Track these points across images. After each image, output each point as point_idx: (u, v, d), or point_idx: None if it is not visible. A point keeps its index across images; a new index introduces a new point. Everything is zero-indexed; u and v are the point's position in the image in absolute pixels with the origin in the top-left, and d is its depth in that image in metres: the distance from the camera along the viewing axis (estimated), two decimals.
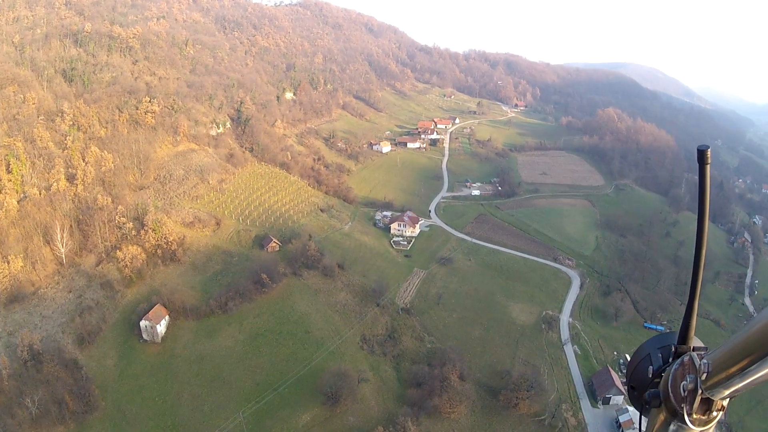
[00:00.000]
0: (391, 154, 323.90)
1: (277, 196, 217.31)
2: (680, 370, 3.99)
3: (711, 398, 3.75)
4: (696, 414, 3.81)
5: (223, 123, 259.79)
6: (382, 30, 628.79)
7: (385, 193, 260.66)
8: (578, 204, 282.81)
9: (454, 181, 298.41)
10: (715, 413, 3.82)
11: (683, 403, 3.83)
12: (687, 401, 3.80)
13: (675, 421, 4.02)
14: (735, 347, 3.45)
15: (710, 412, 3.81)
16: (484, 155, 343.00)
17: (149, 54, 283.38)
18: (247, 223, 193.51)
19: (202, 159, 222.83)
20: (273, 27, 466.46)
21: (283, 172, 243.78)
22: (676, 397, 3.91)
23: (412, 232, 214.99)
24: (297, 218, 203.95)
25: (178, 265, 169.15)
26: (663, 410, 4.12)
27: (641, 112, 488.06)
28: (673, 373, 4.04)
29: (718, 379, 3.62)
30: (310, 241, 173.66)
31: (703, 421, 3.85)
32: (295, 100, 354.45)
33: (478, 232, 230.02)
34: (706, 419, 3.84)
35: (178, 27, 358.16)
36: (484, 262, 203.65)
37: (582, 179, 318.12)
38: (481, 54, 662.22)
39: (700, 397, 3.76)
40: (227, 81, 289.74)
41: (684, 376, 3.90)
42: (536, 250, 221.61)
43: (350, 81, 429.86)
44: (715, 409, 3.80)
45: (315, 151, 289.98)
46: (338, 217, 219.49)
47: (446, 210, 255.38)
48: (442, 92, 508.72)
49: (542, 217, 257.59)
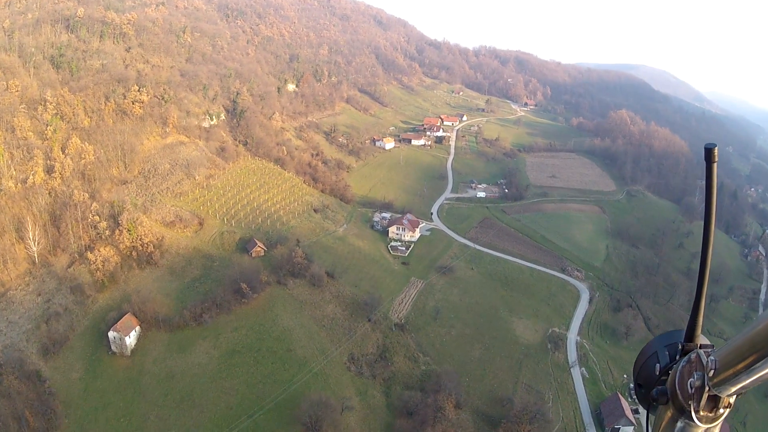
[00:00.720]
0: (394, 150, 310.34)
1: (268, 194, 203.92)
2: (687, 367, 4.01)
3: (718, 395, 3.77)
4: (703, 411, 3.84)
5: (217, 114, 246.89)
6: (391, 23, 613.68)
7: (385, 193, 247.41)
8: (588, 210, 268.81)
9: (458, 181, 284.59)
10: (722, 410, 3.85)
11: (690, 400, 3.86)
12: (694, 398, 3.84)
13: (682, 418, 4.05)
14: (742, 344, 3.48)
15: (717, 409, 3.84)
16: (491, 155, 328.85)
17: (144, 41, 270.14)
18: (232, 223, 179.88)
19: (190, 152, 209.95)
20: (278, 16, 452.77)
21: (278, 168, 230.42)
22: (683, 394, 3.94)
23: (411, 237, 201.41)
24: (287, 219, 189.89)
25: (154, 269, 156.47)
26: (670, 407, 4.16)
27: (653, 116, 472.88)
28: (681, 370, 4.06)
29: (725, 376, 3.64)
30: (297, 248, 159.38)
31: (710, 418, 3.88)
32: (297, 92, 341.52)
33: (482, 238, 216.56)
34: (713, 416, 3.87)
35: (177, 14, 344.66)
36: (488, 271, 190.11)
37: (592, 184, 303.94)
38: (491, 50, 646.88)
39: (707, 394, 3.79)
40: (224, 71, 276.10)
41: (691, 373, 3.92)
42: (543, 260, 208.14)
43: (356, 74, 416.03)
44: (722, 406, 3.83)
45: (314, 145, 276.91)
46: (333, 218, 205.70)
47: (449, 212, 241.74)
48: (450, 88, 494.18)
49: (550, 223, 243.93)
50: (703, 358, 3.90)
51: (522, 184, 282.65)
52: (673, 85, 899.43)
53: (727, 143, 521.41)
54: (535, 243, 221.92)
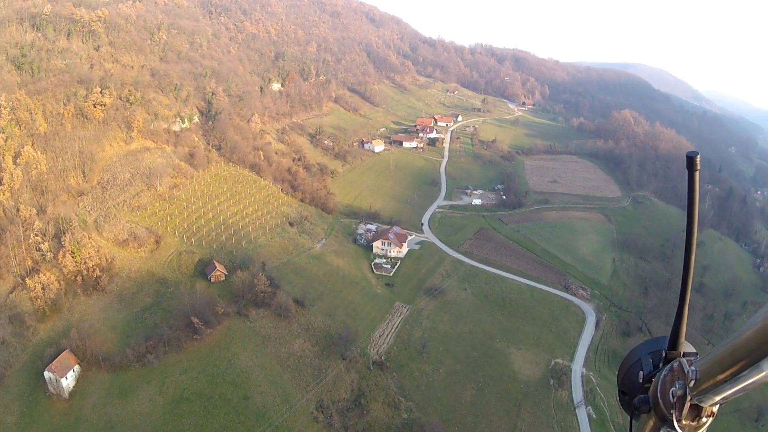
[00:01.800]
0: (383, 154, 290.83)
1: (238, 206, 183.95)
2: (669, 376, 3.96)
3: (700, 405, 3.72)
4: (685, 420, 3.78)
5: (190, 117, 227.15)
6: (384, 20, 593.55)
7: (372, 201, 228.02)
8: (592, 218, 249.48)
9: (453, 187, 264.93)
10: (704, 419, 3.79)
11: (672, 410, 3.79)
12: (676, 407, 3.77)
13: (664, 427, 3.95)
14: (724, 354, 3.45)
15: (700, 419, 3.78)
16: (487, 158, 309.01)
17: (115, 39, 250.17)
18: (193, 242, 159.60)
19: (155, 160, 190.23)
20: (265, 13, 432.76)
21: (253, 174, 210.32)
22: (665, 403, 3.86)
23: (398, 252, 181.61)
24: (256, 236, 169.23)
25: (102, 296, 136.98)
26: (652, 416, 4.09)
27: (655, 116, 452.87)
28: (663, 378, 3.99)
29: (707, 386, 3.61)
30: (261, 273, 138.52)
31: (692, 428, 3.81)
32: (283, 91, 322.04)
33: (477, 252, 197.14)
34: (695, 425, 3.80)
35: (156, 10, 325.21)
36: (483, 292, 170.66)
37: (596, 189, 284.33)
38: (487, 48, 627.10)
39: (689, 404, 3.74)
40: (200, 70, 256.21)
41: (673, 382, 3.86)
42: (545, 276, 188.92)
43: (345, 72, 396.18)
44: (705, 416, 3.77)
45: (296, 149, 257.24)
46: (310, 232, 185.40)
47: (442, 222, 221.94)
48: (444, 87, 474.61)
49: (552, 234, 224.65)
50: (684, 367, 3.83)
51: (521, 189, 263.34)
52: (671, 84, 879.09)
53: (729, 143, 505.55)
54: (536, 257, 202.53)
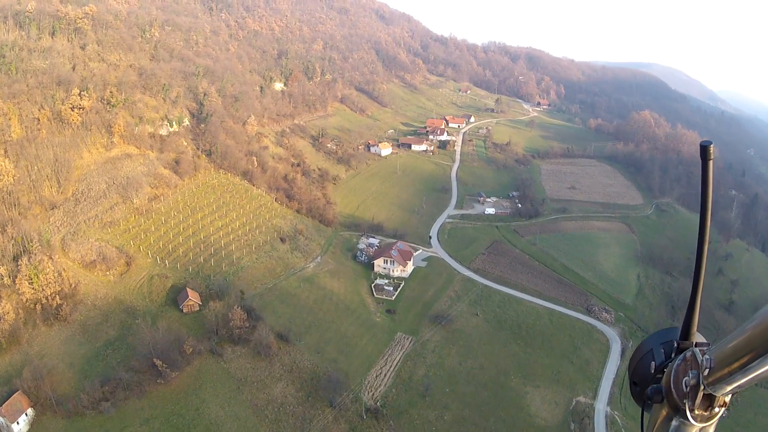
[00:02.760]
0: (390, 157, 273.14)
1: (224, 219, 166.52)
2: (682, 365, 3.97)
3: (713, 394, 3.75)
4: (698, 410, 3.80)
5: (179, 120, 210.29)
6: (395, 18, 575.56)
7: (376, 211, 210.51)
8: (614, 228, 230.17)
9: (464, 194, 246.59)
10: (717, 409, 3.82)
11: (685, 399, 3.81)
12: (689, 397, 3.80)
13: (677, 416, 4.00)
14: (737, 343, 3.44)
15: (712, 408, 3.81)
16: (501, 162, 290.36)
17: (102, 37, 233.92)
18: (167, 264, 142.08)
19: (135, 168, 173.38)
20: (269, 9, 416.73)
21: (245, 182, 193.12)
22: (678, 393, 3.88)
23: (402, 272, 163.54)
24: (239, 256, 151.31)
25: (63, 327, 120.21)
26: (665, 406, 4.10)
27: (673, 116, 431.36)
28: (676, 368, 4.01)
29: (720, 375, 3.62)
30: (236, 307, 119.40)
31: (705, 417, 3.84)
32: (285, 91, 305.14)
33: (490, 269, 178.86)
34: (708, 415, 3.83)
35: (151, 7, 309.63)
36: (497, 317, 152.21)
37: (617, 196, 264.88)
38: (501, 47, 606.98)
39: (702, 393, 3.77)
40: (192, 68, 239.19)
41: (686, 371, 3.87)
42: (565, 297, 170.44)
43: (352, 71, 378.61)
44: (717, 405, 3.80)
45: (296, 153, 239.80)
46: (304, 248, 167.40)
47: (452, 235, 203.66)
48: (456, 86, 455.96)
49: (572, 247, 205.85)
50: (698, 356, 3.84)
51: (537, 197, 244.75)
52: (685, 84, 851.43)
53: (747, 145, 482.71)
54: (555, 274, 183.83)
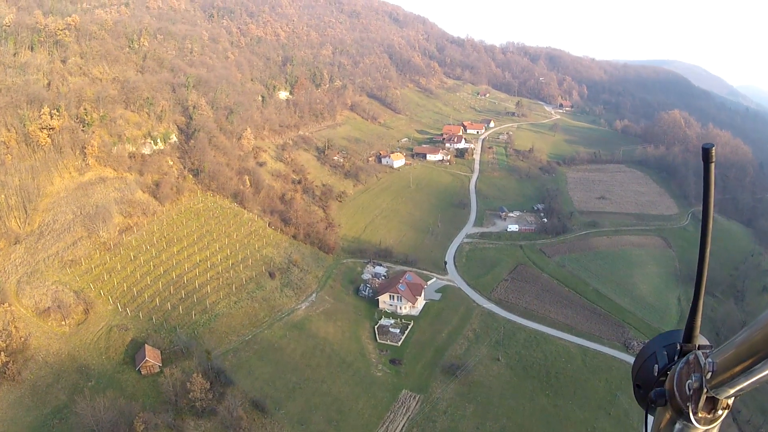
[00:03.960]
0: (403, 169, 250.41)
1: (206, 252, 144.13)
2: (685, 368, 3.96)
3: (716, 397, 3.72)
4: (701, 413, 3.78)
5: (165, 136, 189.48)
6: (409, 20, 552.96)
7: (385, 232, 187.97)
8: (650, 244, 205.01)
9: (484, 208, 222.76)
10: (720, 412, 3.79)
11: (688, 402, 3.80)
12: (692, 400, 3.78)
13: (681, 419, 3.99)
14: (740, 346, 3.43)
15: (715, 411, 3.78)
16: (524, 171, 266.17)
17: (86, 49, 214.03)
18: (128, 312, 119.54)
19: (108, 194, 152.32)
20: (274, 14, 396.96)
21: (235, 206, 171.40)
22: (681, 396, 3.87)
23: (411, 309, 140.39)
24: (216, 300, 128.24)
25: (12, 387, 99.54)
26: (668, 409, 4.10)
27: (698, 114, 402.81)
28: (678, 371, 4.00)
29: (723, 378, 3.61)
30: (196, 375, 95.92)
31: (708, 420, 3.81)
32: (290, 100, 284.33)
33: (514, 299, 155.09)
34: (711, 418, 3.81)
35: (145, 15, 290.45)
36: (522, 361, 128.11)
37: (650, 205, 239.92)
38: (520, 47, 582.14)
39: (705, 396, 3.75)
40: (181, 79, 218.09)
41: (689, 374, 3.87)
42: (599, 330, 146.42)
43: (364, 76, 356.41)
44: (720, 408, 3.78)
45: (298, 168, 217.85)
46: (297, 284, 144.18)
47: (470, 258, 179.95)
48: (475, 89, 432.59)
49: (604, 268, 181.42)
50: (701, 359, 3.82)
51: (565, 210, 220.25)
52: (706, 81, 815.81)
53: None
54: (587, 302, 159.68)
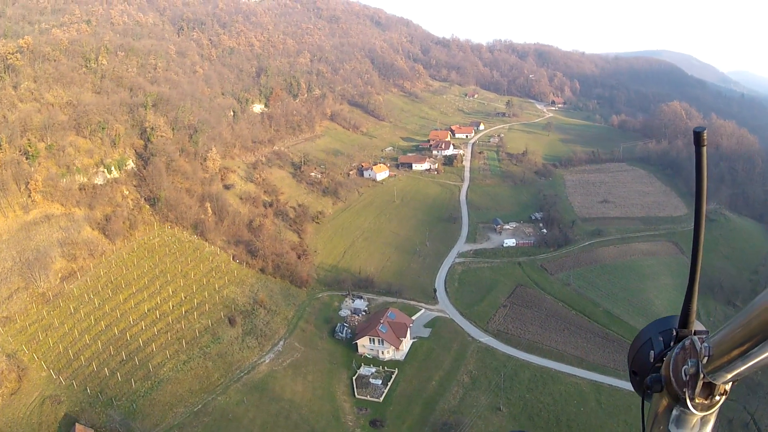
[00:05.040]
0: (388, 182, 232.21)
1: (156, 298, 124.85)
2: (681, 354, 3.89)
3: (713, 382, 3.69)
4: (698, 398, 3.74)
5: (120, 163, 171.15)
6: (392, 23, 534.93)
7: (366, 257, 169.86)
8: (660, 251, 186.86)
9: (477, 221, 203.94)
10: (717, 397, 3.76)
11: (685, 388, 3.75)
12: (689, 385, 3.73)
13: (677, 406, 3.94)
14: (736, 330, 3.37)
15: (713, 397, 3.75)
16: (518, 176, 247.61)
17: (40, 73, 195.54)
18: (62, 381, 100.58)
19: (51, 234, 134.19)
20: (248, 24, 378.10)
21: (196, 238, 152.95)
22: (677, 382, 3.82)
23: (394, 353, 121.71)
24: (161, 360, 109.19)
25: None
26: (665, 395, 4.05)
27: (695, 104, 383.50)
28: (675, 357, 3.94)
29: (719, 363, 3.57)
30: None
31: (705, 406, 3.78)
32: (266, 113, 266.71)
33: (514, 329, 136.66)
34: (708, 403, 3.78)
35: (109, 32, 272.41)
36: (527, 408, 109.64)
37: (657, 207, 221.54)
38: (507, 44, 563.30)
39: (701, 382, 3.70)
40: (140, 99, 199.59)
41: (685, 360, 3.80)
42: (612, 360, 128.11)
43: (344, 83, 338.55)
44: (718, 394, 3.75)
45: (270, 188, 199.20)
46: (262, 330, 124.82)
47: (463, 281, 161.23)
48: (462, 91, 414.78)
49: (613, 283, 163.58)
50: (697, 344, 3.76)
51: (565, 218, 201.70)
52: (697, 69, 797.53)
53: None
54: (597, 326, 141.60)
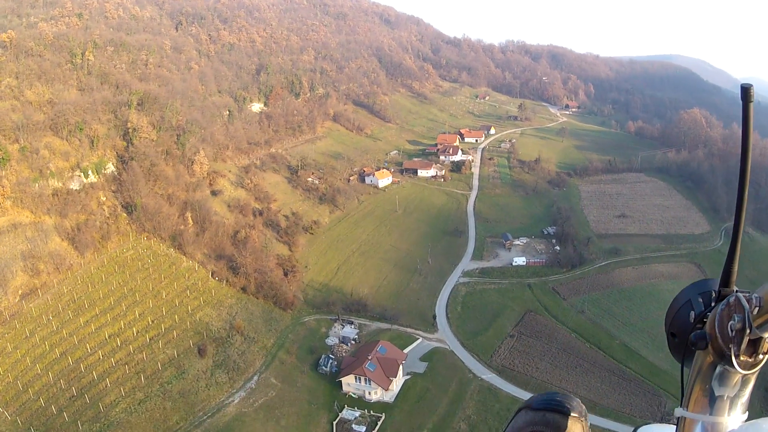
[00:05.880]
0: (390, 189, 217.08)
1: (120, 322, 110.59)
2: (726, 310, 3.81)
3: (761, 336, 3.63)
4: (743, 356, 3.71)
5: (98, 166, 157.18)
6: (401, 21, 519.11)
7: (362, 274, 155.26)
8: (682, 273, 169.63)
9: (485, 235, 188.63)
10: (761, 356, 3.72)
11: (731, 344, 3.71)
12: (734, 341, 3.69)
13: (722, 363, 3.88)
14: None
15: (757, 355, 3.71)
16: (531, 185, 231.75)
17: (23, 69, 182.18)
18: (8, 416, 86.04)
19: (15, 246, 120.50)
20: (251, 19, 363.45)
21: (173, 251, 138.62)
22: (723, 338, 3.76)
23: (383, 395, 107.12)
24: (115, 398, 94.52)
25: None
26: (709, 353, 3.98)
27: (712, 111, 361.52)
28: (720, 313, 3.87)
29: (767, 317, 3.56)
30: None
31: (749, 364, 3.75)
32: (265, 112, 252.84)
33: (521, 366, 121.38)
34: (752, 362, 3.74)
35: (102, 26, 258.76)
36: None
37: (678, 223, 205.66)
38: (520, 45, 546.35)
39: (747, 339, 3.66)
40: (124, 97, 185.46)
41: (731, 316, 3.73)
42: (629, 403, 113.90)
43: (349, 82, 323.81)
44: (761, 352, 3.70)
45: (262, 195, 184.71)
46: (236, 361, 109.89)
47: (467, 305, 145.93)
48: (473, 92, 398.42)
49: (632, 311, 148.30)
50: (742, 300, 3.68)
51: (580, 234, 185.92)
52: (711, 74, 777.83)
53: None
54: (613, 363, 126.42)
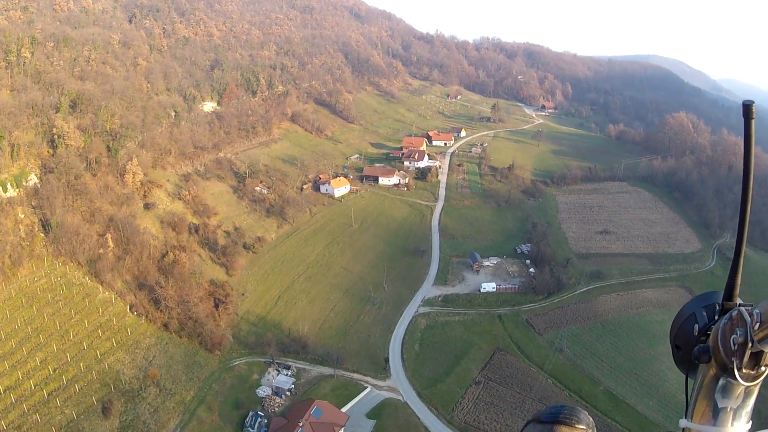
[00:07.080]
0: (347, 199, 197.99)
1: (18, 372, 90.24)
2: (729, 324, 3.98)
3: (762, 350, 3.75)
4: (745, 368, 3.84)
5: (17, 179, 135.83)
6: (372, 16, 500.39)
7: (306, 304, 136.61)
8: (672, 300, 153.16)
9: (450, 255, 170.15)
10: (763, 368, 3.87)
11: (733, 357, 3.85)
12: (737, 355, 3.82)
13: (724, 376, 4.06)
14: None
15: (759, 367, 3.85)
16: (503, 195, 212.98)
17: None
18: None
19: None
20: (211, 12, 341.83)
21: (89, 279, 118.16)
22: (726, 351, 3.92)
23: None
24: None
25: None
26: (712, 366, 4.14)
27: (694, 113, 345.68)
28: (722, 327, 4.03)
29: None
30: None
31: (751, 376, 3.90)
32: (218, 112, 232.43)
33: (488, 421, 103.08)
34: (754, 374, 3.89)
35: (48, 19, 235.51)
36: None
37: (665, 240, 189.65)
38: (495, 42, 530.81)
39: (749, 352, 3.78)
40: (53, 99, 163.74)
41: (733, 330, 3.88)
42: None
43: (312, 80, 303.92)
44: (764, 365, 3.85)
45: (201, 208, 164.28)
46: (146, 423, 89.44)
47: (426, 343, 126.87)
48: (444, 91, 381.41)
49: (617, 348, 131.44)
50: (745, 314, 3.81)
51: (558, 254, 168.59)
52: (689, 75, 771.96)
53: None
54: (597, 414, 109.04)
